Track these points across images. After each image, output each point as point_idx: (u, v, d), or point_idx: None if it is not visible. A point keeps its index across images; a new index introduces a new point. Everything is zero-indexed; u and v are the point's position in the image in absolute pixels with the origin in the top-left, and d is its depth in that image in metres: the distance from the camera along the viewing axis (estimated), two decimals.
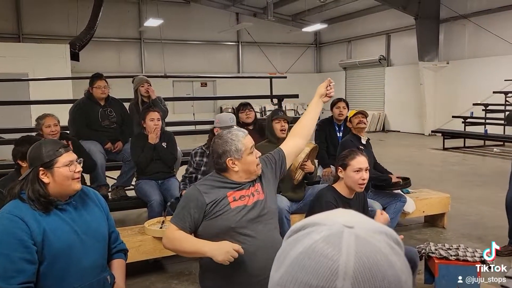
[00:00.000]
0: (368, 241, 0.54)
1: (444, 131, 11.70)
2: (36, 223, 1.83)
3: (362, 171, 2.67)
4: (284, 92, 7.60)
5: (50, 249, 1.83)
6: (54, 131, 3.90)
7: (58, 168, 1.89)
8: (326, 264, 0.52)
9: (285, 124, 3.77)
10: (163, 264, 3.86)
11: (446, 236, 4.44)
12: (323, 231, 0.55)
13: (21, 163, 2.82)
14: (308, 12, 16.47)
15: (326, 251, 0.53)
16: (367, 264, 0.52)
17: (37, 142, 1.99)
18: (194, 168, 3.66)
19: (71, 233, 1.91)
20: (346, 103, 4.87)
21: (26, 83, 9.80)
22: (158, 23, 14.26)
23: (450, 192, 5.08)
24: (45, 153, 1.90)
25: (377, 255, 0.53)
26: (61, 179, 1.90)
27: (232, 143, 2.14)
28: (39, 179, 1.89)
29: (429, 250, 3.12)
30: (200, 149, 3.69)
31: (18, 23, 14.82)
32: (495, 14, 12.23)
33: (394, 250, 0.55)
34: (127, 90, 6.84)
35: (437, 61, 14.01)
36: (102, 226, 2.08)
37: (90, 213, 2.03)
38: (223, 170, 2.18)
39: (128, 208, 4.76)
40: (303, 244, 0.55)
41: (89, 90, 4.60)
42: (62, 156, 1.92)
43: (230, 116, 3.66)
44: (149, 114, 4.21)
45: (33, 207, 1.86)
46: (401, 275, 0.53)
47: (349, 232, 0.54)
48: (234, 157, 2.13)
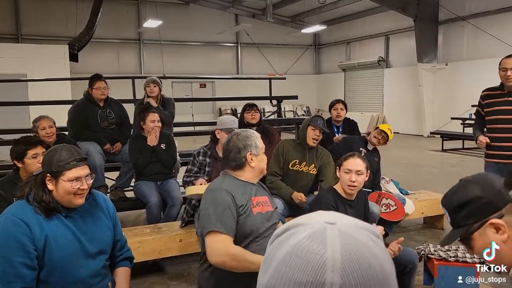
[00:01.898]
0: (351, 236, 0.55)
1: (443, 132, 11.72)
2: (39, 228, 1.81)
3: (351, 173, 2.63)
4: (283, 93, 7.60)
5: (51, 256, 1.81)
6: (49, 133, 3.89)
7: (62, 180, 1.86)
8: (313, 259, 0.52)
9: (320, 135, 3.69)
10: (162, 265, 3.85)
11: None
12: (307, 229, 0.56)
13: (17, 163, 2.82)
14: (307, 13, 16.49)
15: (311, 247, 0.53)
16: (353, 256, 0.53)
17: (58, 146, 1.96)
18: (198, 167, 3.65)
19: (73, 241, 1.88)
20: (344, 104, 4.88)
21: (25, 84, 9.78)
22: (157, 24, 14.26)
23: None
24: (56, 161, 1.86)
25: (361, 248, 0.54)
26: (63, 192, 1.86)
27: (252, 139, 2.25)
28: (44, 184, 1.88)
29: (428, 251, 3.12)
30: (202, 149, 3.67)
31: (16, 24, 14.80)
32: (494, 16, 12.26)
33: (376, 243, 0.57)
34: (126, 91, 6.85)
35: (436, 63, 14.03)
36: (107, 236, 2.04)
37: (96, 221, 2.00)
38: (239, 166, 2.23)
39: (127, 209, 4.74)
40: (288, 244, 0.56)
41: (88, 91, 4.59)
42: (71, 171, 1.87)
43: (231, 119, 3.65)
44: (149, 115, 4.19)
45: (37, 210, 1.84)
46: (385, 265, 0.55)
47: (332, 228, 0.55)
48: (253, 153, 2.22)
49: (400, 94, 15.70)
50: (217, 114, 17.31)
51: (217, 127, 3.63)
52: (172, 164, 4.37)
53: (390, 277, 0.55)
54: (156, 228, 3.72)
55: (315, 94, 19.79)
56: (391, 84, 16.27)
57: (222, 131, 3.53)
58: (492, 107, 3.72)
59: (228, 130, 3.45)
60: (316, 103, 19.48)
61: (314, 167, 3.77)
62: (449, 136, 11.29)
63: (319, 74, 20.30)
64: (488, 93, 3.80)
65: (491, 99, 3.74)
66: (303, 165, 3.74)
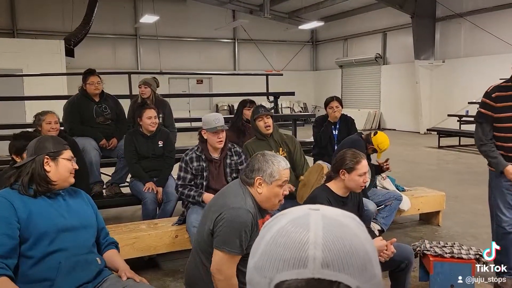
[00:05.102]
0: (335, 219, 0.59)
1: (440, 129, 11.75)
2: (22, 204, 1.93)
3: (365, 175, 2.68)
4: (280, 90, 7.61)
5: (36, 228, 1.91)
6: (54, 128, 3.86)
7: (63, 159, 2.05)
8: (297, 237, 0.56)
9: (268, 120, 3.77)
10: (157, 262, 3.84)
11: (441, 234, 4.45)
12: (292, 215, 0.60)
13: (16, 157, 2.82)
14: (304, 9, 16.45)
15: (295, 228, 0.57)
16: (335, 234, 0.56)
17: (41, 137, 2.15)
18: (193, 174, 3.41)
19: (58, 216, 1.99)
20: (339, 101, 4.84)
21: (20, 79, 9.74)
22: (154, 20, 14.20)
23: (445, 190, 5.09)
24: (52, 145, 2.05)
25: (343, 228, 0.58)
26: (64, 169, 2.04)
27: (270, 166, 2.15)
28: (42, 165, 2.00)
29: (424, 248, 3.13)
30: (194, 154, 3.43)
31: (12, 18, 14.71)
32: (491, 13, 12.27)
33: (358, 227, 0.60)
34: (123, 86, 6.83)
35: (433, 60, 14.05)
36: (90, 215, 2.16)
37: (78, 205, 2.13)
38: (248, 184, 2.19)
39: (123, 205, 4.73)
40: (275, 227, 0.59)
41: (82, 86, 4.55)
42: (67, 151, 2.09)
43: (215, 117, 3.36)
44: (146, 111, 4.12)
45: (22, 192, 1.96)
46: (366, 244, 0.58)
47: (316, 213, 0.59)
48: (265, 180, 2.14)
49: (397, 91, 15.72)
50: (214, 110, 17.29)
51: (203, 126, 3.38)
52: (170, 161, 4.31)
53: (372, 254, 0.57)
54: (152, 224, 3.71)
55: (312, 91, 19.79)
56: (388, 81, 16.29)
57: (208, 132, 3.32)
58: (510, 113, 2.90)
59: (213, 130, 3.27)
60: (313, 99, 19.49)
61: (283, 150, 3.85)
62: (446, 133, 11.32)
63: (316, 70, 20.29)
64: (501, 95, 2.92)
65: (508, 102, 2.90)
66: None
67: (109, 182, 4.66)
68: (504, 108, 2.90)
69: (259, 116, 3.78)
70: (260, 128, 3.77)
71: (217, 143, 3.34)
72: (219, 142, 3.34)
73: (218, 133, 3.31)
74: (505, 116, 2.90)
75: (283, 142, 3.89)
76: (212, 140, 3.34)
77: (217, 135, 3.31)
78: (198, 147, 3.44)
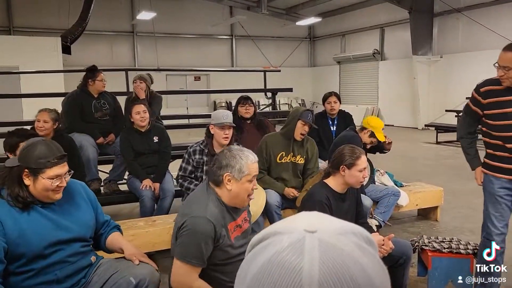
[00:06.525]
0: (333, 245, 0.49)
1: (438, 125, 11.76)
2: (12, 221, 1.80)
3: (365, 170, 2.69)
4: (278, 86, 7.60)
5: (29, 247, 1.81)
6: (42, 127, 3.76)
7: (42, 178, 1.83)
8: (288, 277, 0.47)
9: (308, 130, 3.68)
10: (155, 259, 3.83)
11: (439, 229, 4.46)
12: (283, 240, 0.51)
13: (10, 155, 2.80)
14: (302, 5, 16.41)
15: (287, 262, 0.48)
16: (332, 270, 0.47)
17: (37, 141, 1.91)
18: (194, 166, 3.53)
19: (52, 229, 1.88)
20: (337, 97, 4.87)
21: (17, 76, 9.71)
22: (151, 16, 14.14)
23: (443, 185, 5.10)
24: (36, 158, 1.81)
25: (343, 258, 0.48)
26: (41, 188, 1.84)
27: (238, 161, 2.04)
28: (21, 178, 1.84)
29: (422, 243, 3.13)
30: (198, 147, 3.55)
31: (8, 15, 14.62)
32: (488, 8, 12.27)
33: (364, 251, 0.51)
34: (120, 83, 6.79)
35: (431, 55, 14.04)
36: (88, 219, 2.07)
37: (75, 207, 2.02)
38: (216, 183, 2.09)
39: (121, 202, 4.72)
40: (262, 258, 0.50)
41: (88, 83, 4.53)
42: (51, 169, 1.84)
43: (225, 113, 3.48)
44: (134, 107, 4.14)
45: (11, 203, 1.82)
46: (374, 277, 0.49)
47: (312, 237, 0.50)
48: (234, 176, 2.04)
49: (395, 87, 15.71)
50: (211, 107, 17.26)
51: (211, 121, 3.52)
52: (166, 157, 4.32)
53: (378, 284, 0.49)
54: (150, 221, 3.71)
55: (310, 87, 19.77)
56: (386, 76, 16.28)
57: (215, 127, 3.45)
58: (502, 108, 2.63)
59: (220, 125, 3.40)
60: (311, 95, 19.47)
61: (301, 157, 3.77)
62: (444, 128, 11.32)
63: (314, 66, 20.27)
64: (491, 89, 2.70)
65: (499, 97, 2.66)
66: (290, 156, 3.72)
67: (106, 180, 4.65)
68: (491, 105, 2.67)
69: (304, 121, 3.61)
70: (296, 130, 3.64)
71: (223, 139, 3.43)
72: (225, 138, 3.43)
73: (225, 129, 3.42)
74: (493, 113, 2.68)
75: (304, 151, 3.78)
76: (218, 135, 3.44)
77: (224, 131, 3.42)
78: (204, 141, 3.57)
